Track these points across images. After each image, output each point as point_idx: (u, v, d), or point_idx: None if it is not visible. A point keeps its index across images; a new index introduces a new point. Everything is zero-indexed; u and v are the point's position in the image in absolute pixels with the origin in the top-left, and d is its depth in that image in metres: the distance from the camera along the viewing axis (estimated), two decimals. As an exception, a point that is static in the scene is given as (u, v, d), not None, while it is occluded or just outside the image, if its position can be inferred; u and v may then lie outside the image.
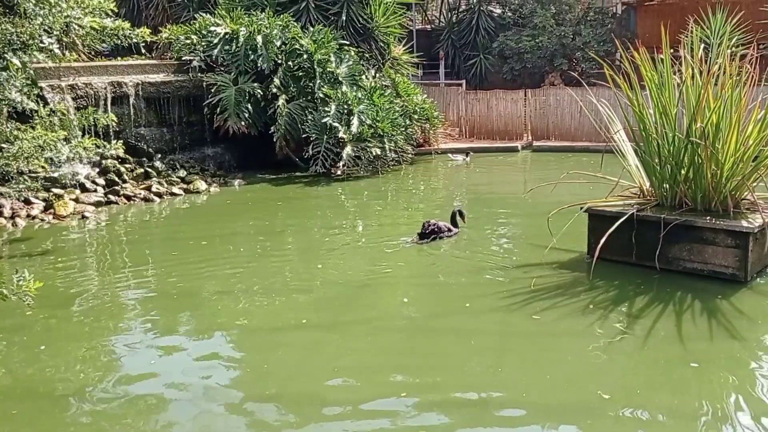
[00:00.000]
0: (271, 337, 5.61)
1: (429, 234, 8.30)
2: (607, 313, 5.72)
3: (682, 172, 6.69)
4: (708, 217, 6.47)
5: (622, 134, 7.55)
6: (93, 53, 13.15)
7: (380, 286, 6.95)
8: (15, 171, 8.18)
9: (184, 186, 11.69)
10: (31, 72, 8.44)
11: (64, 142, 7.83)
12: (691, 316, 5.69)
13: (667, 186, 6.87)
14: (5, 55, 7.70)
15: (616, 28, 19.86)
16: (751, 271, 6.33)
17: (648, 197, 7.12)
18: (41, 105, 8.42)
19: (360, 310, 6.19)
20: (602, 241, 6.36)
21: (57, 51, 8.48)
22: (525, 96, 17.06)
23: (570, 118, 16.52)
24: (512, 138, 17.00)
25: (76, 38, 9.92)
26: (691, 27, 8.73)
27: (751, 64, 6.79)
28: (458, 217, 8.60)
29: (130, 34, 9.03)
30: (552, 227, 7.12)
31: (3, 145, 7.69)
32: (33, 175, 9.41)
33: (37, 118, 8.31)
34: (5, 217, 9.37)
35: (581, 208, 7.15)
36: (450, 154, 15.22)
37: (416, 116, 15.01)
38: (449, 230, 8.49)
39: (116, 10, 9.15)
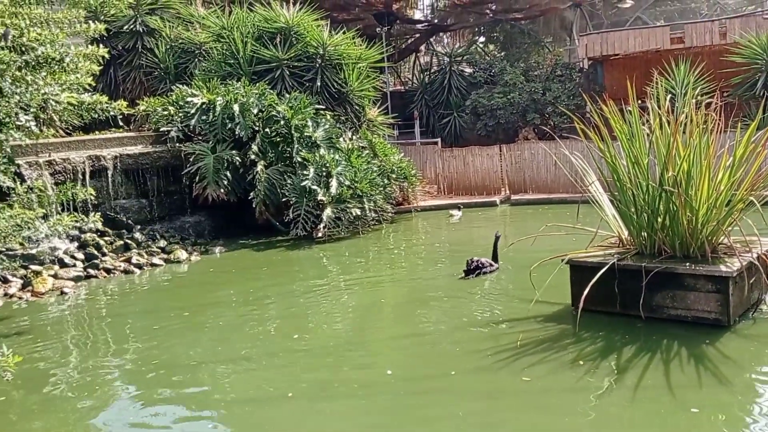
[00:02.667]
0: (257, 410, 5.49)
1: (473, 270, 8.92)
2: (596, 366, 5.69)
3: (659, 219, 6.79)
4: (687, 264, 6.54)
5: (597, 185, 7.68)
6: (71, 127, 13.24)
7: (365, 347, 6.87)
8: (-9, 250, 8.08)
9: (165, 256, 11.61)
10: (8, 150, 8.45)
11: (42, 220, 7.78)
12: (679, 363, 5.68)
13: (645, 234, 6.95)
14: (-19, 135, 7.72)
15: (584, 82, 20.46)
16: (734, 314, 6.37)
17: (627, 246, 7.20)
18: (18, 182, 8.39)
19: (345, 375, 6.09)
20: (585, 292, 6.37)
21: (34, 128, 8.52)
22: (500, 151, 17.37)
23: (546, 171, 16.80)
24: (490, 193, 17.21)
25: (53, 114, 9.98)
26: (656, 78, 9.03)
27: (716, 111, 7.00)
28: (495, 244, 9.10)
29: (107, 107, 9.11)
30: (534, 280, 7.14)
31: (-21, 225, 7.62)
32: (10, 253, 9.30)
33: (14, 195, 8.27)
34: (-19, 297, 9.20)
35: (562, 260, 7.20)
36: (450, 211, 15.31)
37: (394, 175, 15.18)
38: (491, 265, 9.10)
39: (94, 85, 9.25)
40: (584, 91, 17.34)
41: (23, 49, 8.45)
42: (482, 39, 30.96)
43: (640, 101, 7.32)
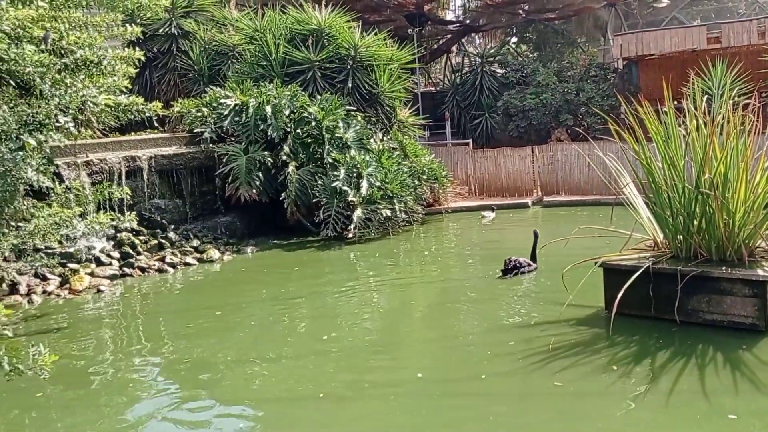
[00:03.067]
0: (287, 409, 5.53)
1: (511, 269, 8.88)
2: (630, 370, 5.61)
3: (695, 222, 6.68)
4: (724, 268, 6.41)
5: (632, 187, 7.57)
6: (107, 129, 13.51)
7: (396, 349, 6.88)
8: (31, 248, 8.27)
9: (198, 255, 11.76)
10: (48, 151, 8.64)
11: (80, 219, 7.95)
12: (714, 369, 5.57)
13: (681, 237, 6.84)
14: (21, 136, 7.91)
15: (619, 82, 20.19)
16: (773, 320, 6.22)
17: (662, 249, 7.09)
18: (57, 182, 8.59)
19: (377, 376, 6.11)
20: (619, 295, 6.30)
21: (72, 129, 8.71)
22: (532, 152, 17.23)
23: (579, 172, 16.62)
24: (522, 194, 17.08)
25: (91, 115, 10.18)
26: (692, 79, 8.87)
27: (754, 113, 6.85)
28: (534, 243, 9.00)
29: (143, 108, 9.27)
30: (567, 283, 7.07)
31: (20, 224, 7.81)
32: (49, 251, 9.52)
33: (53, 195, 8.47)
34: (21, 294, 9.43)
35: (596, 263, 7.12)
36: (483, 212, 15.28)
37: (425, 176, 15.15)
38: (529, 265, 9.05)
39: (130, 87, 9.42)
40: (619, 92, 17.07)
41: (63, 52, 8.66)
42: (514, 39, 30.77)
43: (676, 102, 7.21)
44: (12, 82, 8.47)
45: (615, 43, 20.70)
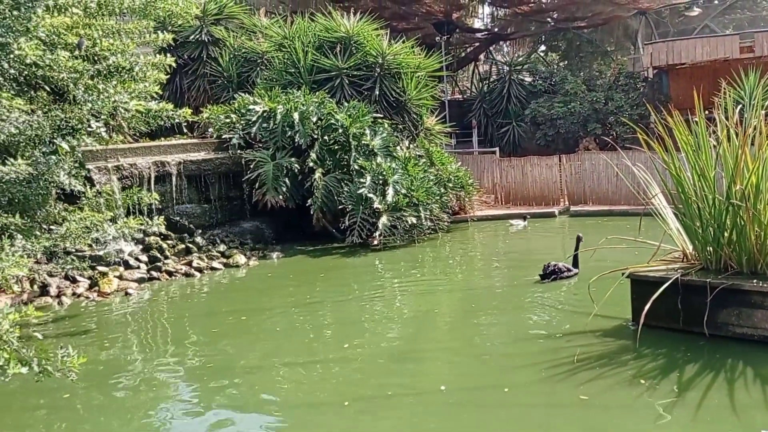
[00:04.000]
0: (310, 414, 5.55)
1: (549, 274, 8.86)
2: (657, 384, 5.53)
3: (725, 234, 6.56)
4: (755, 281, 6.29)
5: (661, 198, 7.47)
6: (138, 134, 13.72)
7: (420, 357, 6.86)
8: (62, 251, 8.42)
9: (224, 260, 11.86)
10: (80, 155, 8.81)
11: (110, 223, 8.08)
12: (744, 383, 5.46)
13: (711, 249, 6.73)
14: (54, 140, 8.08)
15: (649, 91, 19.97)
16: (806, 335, 6.09)
17: (692, 261, 6.97)
18: (88, 186, 8.74)
19: (400, 383, 6.09)
20: (647, 307, 6.21)
21: (104, 134, 8.88)
22: (560, 161, 17.09)
23: (607, 182, 16.44)
24: (548, 203, 16.95)
25: (122, 121, 10.35)
26: (724, 88, 8.74)
27: (787, 123, 6.72)
28: (576, 247, 8.85)
29: (173, 114, 9.41)
30: (594, 294, 6.99)
31: (51, 227, 7.97)
32: (79, 254, 9.68)
33: (84, 199, 8.62)
34: (51, 296, 9.60)
35: (623, 274, 7.03)
36: (510, 220, 15.26)
37: (451, 184, 15.12)
38: (569, 270, 8.94)
39: (161, 93, 9.57)
40: (648, 101, 16.86)
41: (96, 58, 8.84)
42: (543, 48, 30.61)
43: (707, 112, 7.11)
44: (46, 88, 8.66)
45: (645, 51, 20.48)
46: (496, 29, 29.28)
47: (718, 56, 18.58)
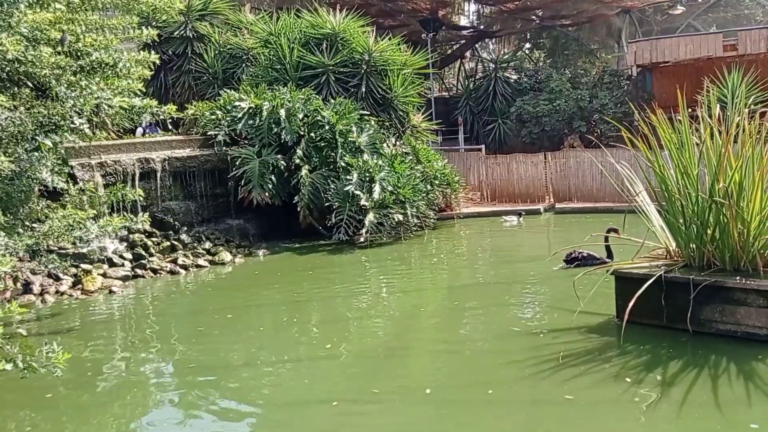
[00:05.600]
0: (299, 412, 5.53)
1: (572, 260, 8.83)
2: (641, 380, 5.57)
3: (708, 232, 6.62)
4: (738, 277, 6.35)
5: (645, 195, 7.52)
6: (122, 130, 13.60)
7: (407, 354, 6.87)
8: (45, 248, 8.34)
9: (210, 258, 11.81)
10: (62, 152, 8.72)
11: (93, 221, 8.01)
12: (727, 379, 5.51)
13: (694, 246, 6.78)
14: (37, 137, 7.99)
15: (632, 89, 20.10)
16: (787, 331, 6.16)
17: (675, 258, 7.03)
18: (71, 183, 8.65)
19: (387, 381, 6.09)
20: (631, 303, 6.25)
21: (87, 131, 8.79)
22: (545, 159, 17.18)
23: (591, 179, 16.55)
24: (534, 201, 17.03)
25: (105, 117, 10.26)
26: (706, 86, 8.81)
27: (770, 121, 6.79)
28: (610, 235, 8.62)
29: (157, 111, 9.33)
30: (578, 290, 7.03)
31: (34, 224, 7.88)
32: (62, 251, 9.59)
33: (67, 196, 8.53)
34: (35, 294, 9.51)
35: (608, 271, 7.07)
36: (504, 216, 15.35)
37: (437, 182, 15.15)
38: (595, 259, 8.74)
39: (144, 90, 9.49)
40: (632, 99, 16.98)
41: (79, 54, 8.73)
42: (528, 45, 30.72)
43: (690, 110, 7.16)
44: (29, 84, 8.56)
45: (629, 50, 20.62)
46: (481, 27, 29.35)
47: (702, 54, 18.74)
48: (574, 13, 25.17)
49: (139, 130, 15.70)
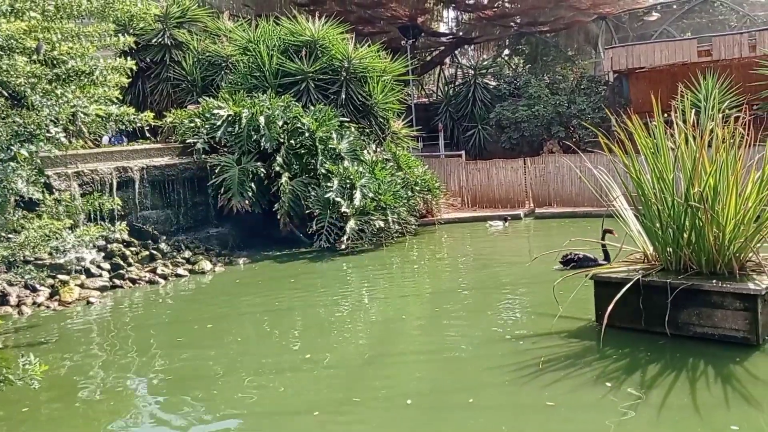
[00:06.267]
0: (280, 422, 5.50)
1: (568, 262, 8.71)
2: (621, 383, 5.61)
3: (685, 235, 6.70)
4: (714, 281, 6.43)
5: (622, 200, 7.60)
6: (99, 139, 13.46)
7: (389, 362, 6.86)
8: (21, 259, 8.22)
9: (189, 267, 11.72)
10: (38, 161, 8.61)
11: (69, 231, 7.91)
12: (705, 383, 5.57)
13: (671, 250, 6.86)
14: (12, 147, 7.88)
15: (610, 95, 20.32)
16: (763, 333, 6.24)
17: (652, 262, 7.11)
18: (47, 193, 8.54)
19: (368, 389, 6.08)
20: (610, 308, 6.30)
21: (63, 140, 8.67)
22: (524, 164, 17.29)
23: (570, 184, 16.67)
24: (514, 206, 17.12)
25: (82, 126, 10.14)
26: (680, 92, 8.93)
27: (744, 125, 6.90)
28: (603, 236, 8.48)
29: (134, 119, 9.24)
30: (558, 295, 7.08)
31: (9, 235, 7.77)
32: (38, 262, 9.46)
33: (43, 206, 8.42)
34: (11, 306, 9.37)
35: (586, 275, 7.13)
36: (489, 222, 15.44)
37: (418, 188, 15.18)
38: (591, 261, 8.55)
39: (121, 98, 9.40)
40: (609, 105, 17.18)
41: (54, 62, 8.63)
42: (507, 52, 30.94)
43: (665, 115, 7.25)
44: (3, 93, 8.43)
45: (606, 56, 20.85)
46: (460, 33, 29.51)
47: (677, 60, 19.00)
48: (552, 19, 25.43)
49: (105, 139, 15.57)
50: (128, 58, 9.32)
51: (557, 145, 19.49)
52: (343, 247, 12.66)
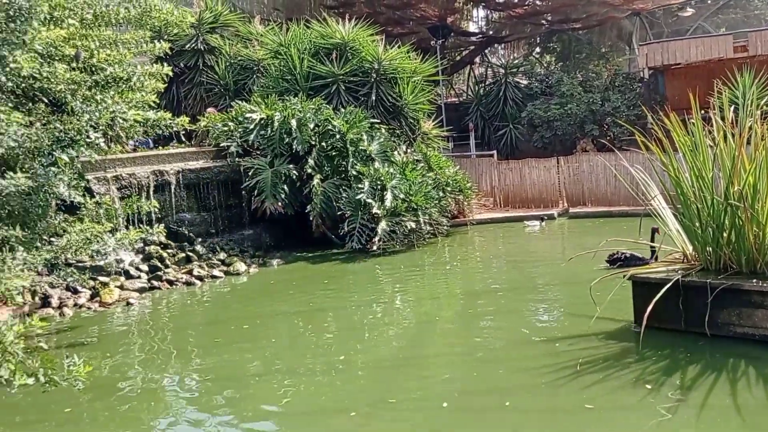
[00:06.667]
0: (317, 421, 5.55)
1: (614, 261, 8.76)
2: (660, 385, 5.54)
3: (724, 235, 6.58)
4: (754, 280, 6.31)
5: (660, 199, 7.49)
6: (136, 143, 13.73)
7: (423, 363, 6.87)
8: (63, 262, 8.42)
9: (224, 268, 11.86)
10: (79, 166, 8.81)
11: (110, 234, 8.08)
12: (746, 384, 5.48)
13: (710, 250, 6.75)
14: (54, 152, 8.08)
15: (645, 92, 20.01)
16: (807, 334, 6.10)
17: (692, 262, 6.99)
18: (88, 197, 8.73)
19: (403, 390, 6.10)
20: (649, 308, 6.22)
21: (102, 145, 8.86)
22: (558, 163, 17.13)
23: (605, 183, 16.47)
24: (547, 206, 16.97)
25: (120, 131, 10.34)
26: (717, 88, 8.78)
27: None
28: (652, 236, 8.42)
29: (170, 123, 9.40)
30: (595, 296, 7.00)
31: (52, 238, 7.96)
32: (80, 264, 9.68)
33: (84, 210, 8.61)
34: (53, 307, 9.59)
35: (624, 276, 7.04)
36: (525, 221, 15.40)
37: (449, 188, 15.13)
38: (639, 260, 8.53)
39: (158, 102, 9.57)
40: (645, 102, 16.92)
41: (93, 69, 8.83)
42: (538, 50, 30.68)
43: (703, 112, 7.13)
44: (44, 100, 8.66)
45: (640, 52, 20.54)
46: (490, 32, 29.34)
47: (713, 56, 18.64)
48: (584, 16, 25.11)
49: (130, 144, 15.81)
50: (163, 63, 9.49)
51: (591, 143, 19.25)
52: (374, 248, 12.69)
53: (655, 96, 19.58)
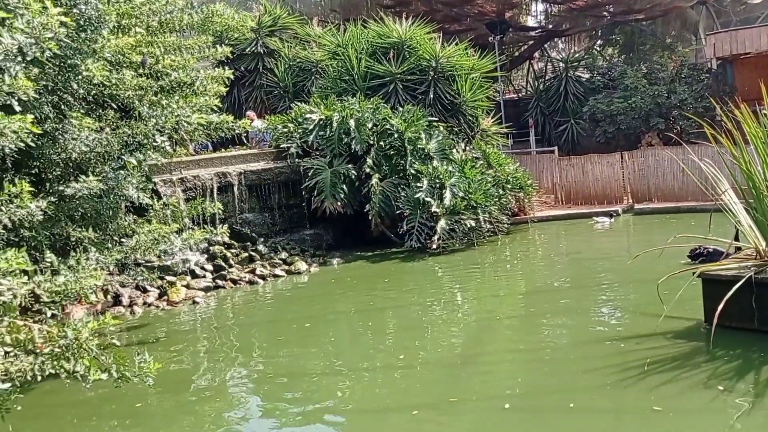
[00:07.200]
0: (379, 419, 5.57)
1: (696, 256, 8.68)
2: (732, 386, 5.33)
3: (801, 230, 6.29)
4: (835, 277, 6.00)
5: (731, 193, 7.21)
6: (200, 146, 14.09)
7: (484, 362, 6.81)
8: (132, 262, 8.72)
9: (286, 267, 12.05)
10: (146, 169, 9.10)
11: (177, 234, 8.32)
12: (828, 387, 5.21)
13: (786, 245, 6.45)
14: (123, 156, 8.38)
15: (713, 83, 19.27)
16: None
17: (765, 258, 6.70)
18: (155, 199, 9.02)
19: (465, 389, 6.06)
20: (720, 307, 6.00)
21: (168, 148, 9.13)
22: (622, 158, 16.69)
23: (672, 178, 15.97)
24: (611, 202, 16.57)
25: (185, 134, 10.63)
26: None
27: None
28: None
29: (233, 126, 9.61)
30: (663, 295, 6.79)
31: (122, 239, 8.25)
32: (148, 264, 10.00)
33: (151, 211, 8.90)
34: (124, 306, 9.95)
35: (694, 273, 6.81)
36: (594, 218, 15.15)
37: (509, 186, 14.94)
38: (721, 255, 8.02)
39: (220, 105, 9.80)
40: (713, 93, 16.29)
41: (158, 75, 9.10)
42: (600, 42, 29.98)
43: (776, 102, 6.82)
44: (113, 106, 8.98)
45: (708, 42, 19.81)
46: (550, 26, 28.83)
47: (785, 44, 17.82)
48: (648, 6, 24.37)
49: (192, 148, 16.17)
50: (225, 67, 9.70)
51: (656, 137, 18.65)
52: (434, 246, 12.65)
53: (724, 87, 18.83)
